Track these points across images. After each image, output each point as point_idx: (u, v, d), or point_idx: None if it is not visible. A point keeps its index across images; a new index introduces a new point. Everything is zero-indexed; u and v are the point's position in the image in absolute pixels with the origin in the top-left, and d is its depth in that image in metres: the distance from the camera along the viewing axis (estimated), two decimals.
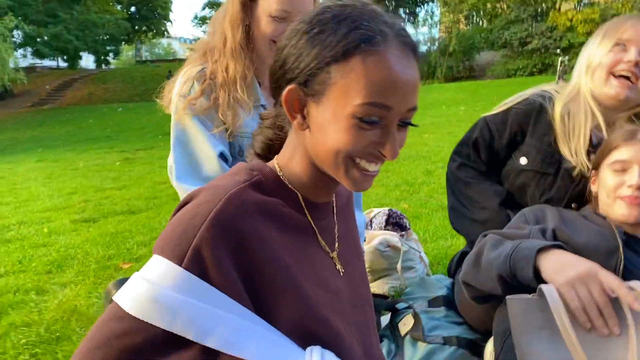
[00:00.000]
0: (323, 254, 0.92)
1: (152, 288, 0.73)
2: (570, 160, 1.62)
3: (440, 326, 1.69)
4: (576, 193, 1.65)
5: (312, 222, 0.90)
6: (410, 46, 0.78)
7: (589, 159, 1.61)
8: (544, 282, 1.14)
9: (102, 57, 39.14)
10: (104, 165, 8.71)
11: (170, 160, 1.63)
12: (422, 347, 1.61)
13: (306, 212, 0.89)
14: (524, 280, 1.18)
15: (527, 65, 23.16)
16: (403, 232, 2.63)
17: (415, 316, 1.69)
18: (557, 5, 25.95)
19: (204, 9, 37.61)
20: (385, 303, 1.88)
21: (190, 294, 0.73)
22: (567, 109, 1.65)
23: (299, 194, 0.88)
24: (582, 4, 26.42)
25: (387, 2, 32.84)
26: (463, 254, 1.78)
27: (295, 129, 0.84)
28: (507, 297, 1.14)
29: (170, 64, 33.67)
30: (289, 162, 0.88)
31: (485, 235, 1.44)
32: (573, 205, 1.66)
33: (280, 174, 0.88)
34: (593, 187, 1.56)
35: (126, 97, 27.31)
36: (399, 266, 2.36)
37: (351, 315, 0.92)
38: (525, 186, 1.72)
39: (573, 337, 1.03)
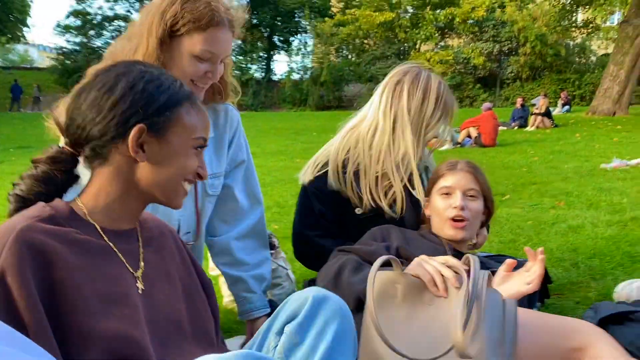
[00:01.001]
0: (123, 271, 1.03)
1: None
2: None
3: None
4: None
5: (112, 246, 1.02)
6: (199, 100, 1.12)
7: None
8: None
9: None
10: None
11: None
12: None
13: (105, 238, 1.02)
14: None
15: None
16: (272, 251, 2.71)
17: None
18: (418, 46, 28.24)
19: (67, 17, 35.23)
20: None
21: None
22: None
23: (96, 225, 1.02)
24: (438, 46, 29.00)
25: (262, 29, 33.36)
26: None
27: (117, 163, 1.01)
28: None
29: (25, 72, 31.10)
30: (94, 199, 1.03)
31: (340, 251, 1.60)
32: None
33: (81, 208, 1.02)
34: (427, 212, 1.82)
35: None
36: None
37: (149, 327, 1.01)
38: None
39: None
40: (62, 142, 1.08)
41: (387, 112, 1.94)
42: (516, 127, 13.57)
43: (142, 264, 1.07)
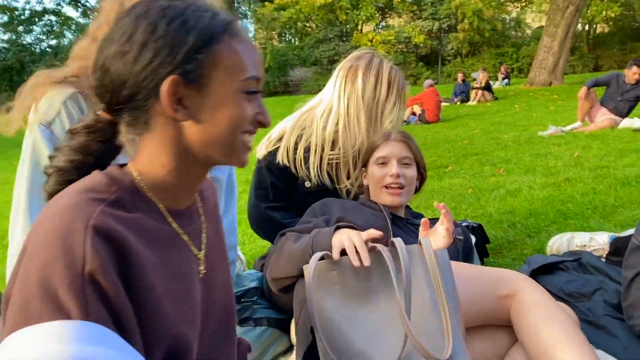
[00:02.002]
0: (190, 259, 0.91)
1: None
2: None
3: (252, 312, 1.83)
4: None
5: (178, 229, 0.89)
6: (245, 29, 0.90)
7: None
8: None
9: None
10: None
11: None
12: None
13: (170, 222, 0.88)
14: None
15: None
16: None
17: None
18: (360, 27, 28.37)
19: None
20: None
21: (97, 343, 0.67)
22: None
23: (160, 204, 0.87)
24: (380, 27, 29.24)
25: None
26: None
27: (161, 128, 0.83)
28: (304, 266, 1.33)
29: None
30: (148, 168, 0.86)
31: (282, 234, 1.65)
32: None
33: (140, 181, 0.85)
34: (365, 181, 1.90)
35: None
36: None
37: (202, 322, 0.93)
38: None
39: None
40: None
41: (341, 96, 2.03)
42: (459, 102, 13.89)
43: (204, 244, 0.96)
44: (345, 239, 1.33)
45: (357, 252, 1.30)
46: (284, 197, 2.12)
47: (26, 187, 1.42)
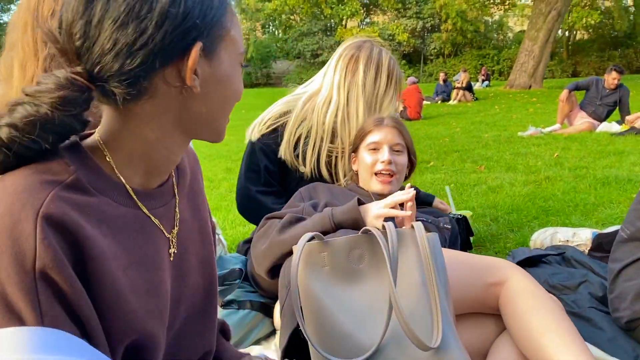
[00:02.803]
0: (159, 243, 0.83)
1: None
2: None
3: (236, 295, 1.79)
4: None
5: (147, 212, 0.81)
6: None
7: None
8: None
9: None
10: None
11: None
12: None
13: (139, 204, 0.80)
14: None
15: None
16: None
17: None
18: (344, 22, 28.36)
19: None
20: None
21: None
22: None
23: (127, 185, 0.77)
24: (364, 23, 29.27)
25: None
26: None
27: (162, 96, 0.74)
28: (294, 246, 1.29)
29: None
30: (126, 141, 0.76)
31: (268, 219, 1.61)
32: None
33: (108, 161, 0.76)
34: (354, 166, 1.86)
35: None
36: None
37: (172, 307, 0.85)
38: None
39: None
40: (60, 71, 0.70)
41: (341, 86, 1.99)
42: (440, 102, 13.99)
43: (177, 223, 0.88)
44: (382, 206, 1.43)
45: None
46: (276, 182, 2.08)
47: None
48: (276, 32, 31.59)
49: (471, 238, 2.43)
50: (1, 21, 32.50)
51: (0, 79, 1.25)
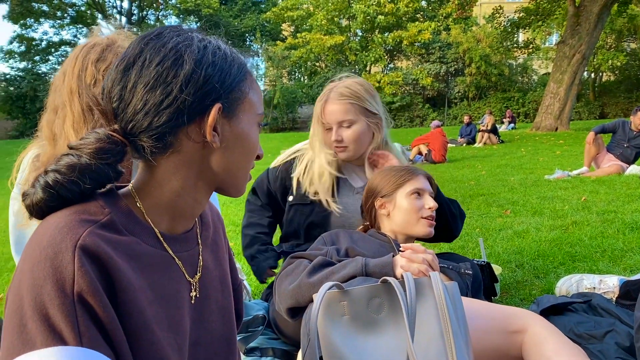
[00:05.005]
0: (182, 284, 0.91)
1: None
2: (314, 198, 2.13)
3: (259, 343, 1.81)
4: (320, 218, 2.13)
5: (173, 254, 0.89)
6: None
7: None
8: None
9: None
10: None
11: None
12: None
13: (166, 246, 0.88)
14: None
15: None
16: None
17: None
18: (368, 68, 28.83)
19: (10, 42, 34.24)
20: None
21: None
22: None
23: (155, 229, 0.87)
24: (388, 68, 29.71)
25: None
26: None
27: (186, 151, 0.84)
28: (314, 294, 1.31)
29: None
30: (155, 190, 0.86)
31: (292, 257, 1.66)
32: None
33: (139, 207, 0.86)
34: (383, 211, 1.87)
35: None
36: None
37: (191, 351, 0.92)
38: (294, 215, 2.19)
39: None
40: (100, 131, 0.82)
41: None
42: (464, 144, 13.97)
43: (199, 269, 0.96)
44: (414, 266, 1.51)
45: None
46: (271, 201, 2.33)
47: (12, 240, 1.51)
48: (302, 79, 32.28)
49: (496, 285, 2.41)
50: (40, 71, 34.03)
51: (43, 137, 1.37)
